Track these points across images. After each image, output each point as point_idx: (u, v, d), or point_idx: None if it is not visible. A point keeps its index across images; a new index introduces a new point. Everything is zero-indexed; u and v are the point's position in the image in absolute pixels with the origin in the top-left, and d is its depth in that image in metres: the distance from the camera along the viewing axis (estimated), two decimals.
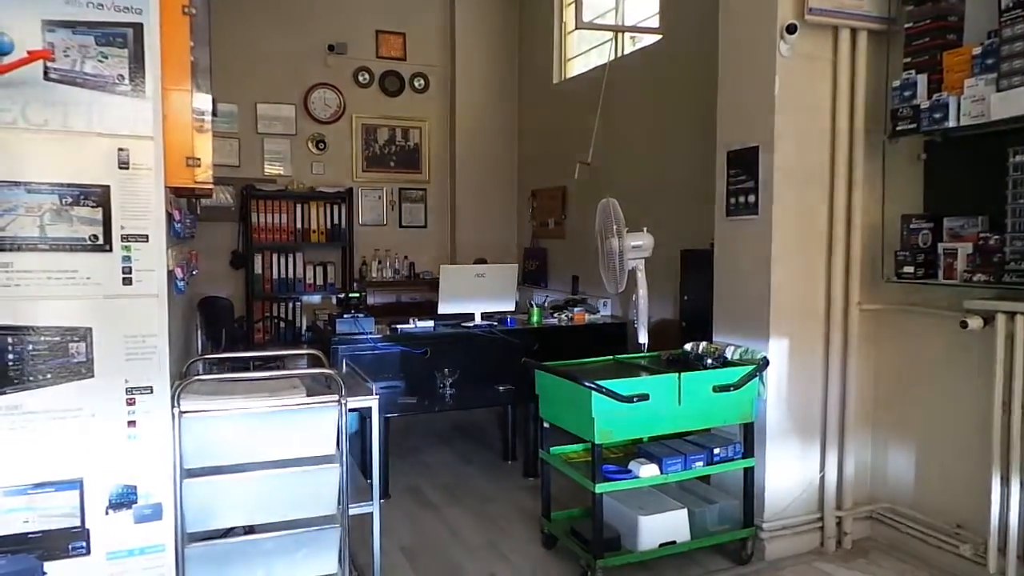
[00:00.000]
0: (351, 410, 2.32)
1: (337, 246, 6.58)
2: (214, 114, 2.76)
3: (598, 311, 4.86)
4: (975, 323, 2.62)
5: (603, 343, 4.34)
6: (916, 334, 3.01)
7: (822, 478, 3.10)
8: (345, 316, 4.22)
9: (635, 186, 4.99)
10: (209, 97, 2.55)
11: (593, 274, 3.76)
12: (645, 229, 3.38)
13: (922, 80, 2.77)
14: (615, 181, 5.13)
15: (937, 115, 2.69)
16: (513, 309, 4.57)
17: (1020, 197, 2.47)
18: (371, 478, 2.42)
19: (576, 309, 4.73)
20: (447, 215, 7.12)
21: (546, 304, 4.97)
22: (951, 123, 2.64)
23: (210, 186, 2.38)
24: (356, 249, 6.64)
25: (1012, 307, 2.49)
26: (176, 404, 1.96)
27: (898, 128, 2.84)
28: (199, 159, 2.19)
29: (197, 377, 2.14)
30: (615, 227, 3.35)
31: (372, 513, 2.38)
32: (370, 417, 2.40)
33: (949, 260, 2.72)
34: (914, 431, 3.04)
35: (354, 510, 2.32)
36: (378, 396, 2.39)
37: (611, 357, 3.26)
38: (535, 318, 4.53)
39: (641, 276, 3.41)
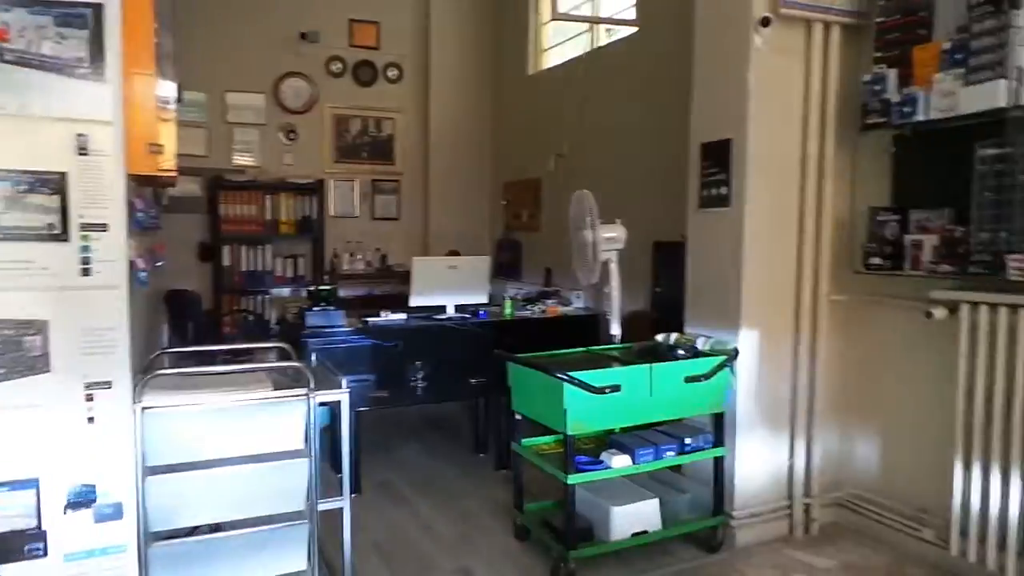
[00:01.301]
0: (321, 404, 2.29)
1: (308, 238, 6.49)
2: (179, 101, 2.69)
3: (571, 303, 4.85)
4: (940, 313, 2.66)
5: (576, 335, 4.32)
6: (883, 324, 3.05)
7: (791, 466, 3.13)
8: (315, 309, 4.15)
9: (609, 178, 4.98)
10: (173, 84, 2.49)
11: (566, 267, 3.75)
12: (619, 221, 3.38)
13: (892, 74, 2.79)
14: (589, 173, 5.12)
15: (906, 109, 2.72)
16: (486, 301, 4.54)
17: (985, 190, 2.51)
18: (341, 473, 2.38)
19: (549, 301, 4.72)
20: (420, 207, 7.06)
21: (519, 296, 4.95)
22: (920, 117, 2.67)
23: (174, 174, 2.32)
24: (327, 241, 6.56)
25: (976, 297, 2.54)
26: (137, 399, 1.91)
27: (868, 122, 2.87)
28: (162, 145, 2.13)
29: (160, 371, 2.09)
30: (588, 219, 3.35)
31: (343, 508, 2.35)
32: (340, 411, 2.36)
33: (915, 252, 2.75)
34: (880, 419, 3.08)
35: (324, 506, 2.28)
36: (348, 390, 2.35)
37: (583, 349, 3.25)
38: (508, 310, 4.50)
39: (614, 268, 3.41)
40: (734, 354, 2.94)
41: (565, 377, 2.62)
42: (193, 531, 2.14)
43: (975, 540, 2.55)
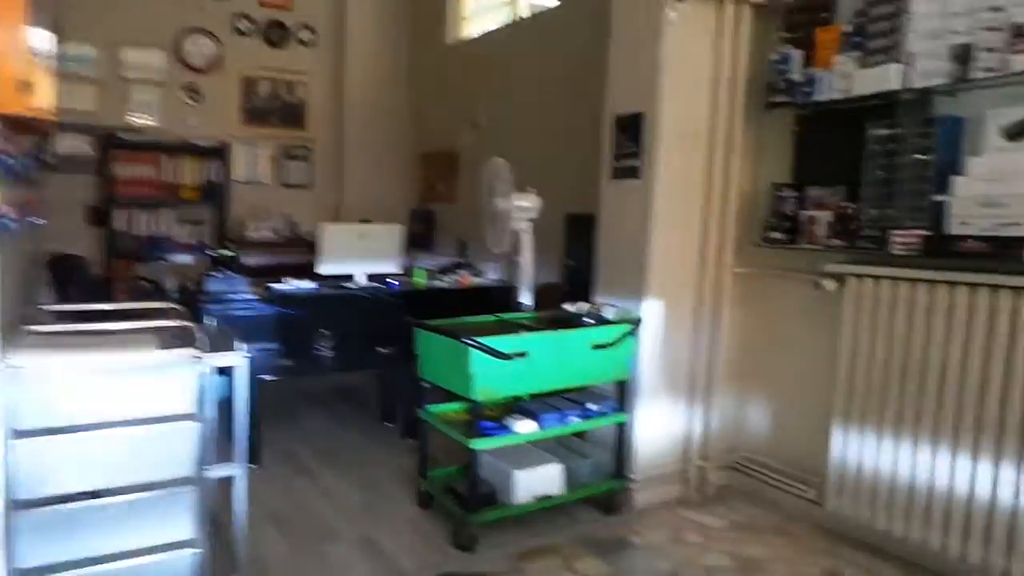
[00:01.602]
0: (220, 371, 2.17)
1: (211, 203, 6.18)
2: (58, 49, 2.50)
3: (484, 274, 4.83)
4: (829, 285, 2.80)
5: (488, 306, 4.29)
6: (780, 296, 3.17)
7: (689, 431, 3.24)
8: (216, 275, 3.97)
9: (526, 150, 4.95)
10: (47, 31, 2.28)
11: (481, 239, 3.71)
12: (532, 190, 3.37)
13: (797, 55, 2.89)
14: (506, 145, 5.06)
15: (808, 89, 2.82)
16: (398, 271, 4.46)
17: (874, 169, 2.64)
18: (235, 439, 2.27)
19: (461, 272, 4.69)
20: (333, 175, 6.83)
21: (432, 267, 4.89)
22: (820, 97, 2.79)
23: (50, 117, 2.14)
24: (233, 207, 6.26)
25: (862, 270, 2.68)
26: (4, 358, 1.75)
27: (773, 100, 2.97)
28: (33, 84, 1.94)
29: (31, 329, 1.92)
30: (501, 187, 3.32)
31: (235, 475, 2.25)
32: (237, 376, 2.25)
33: (811, 227, 2.87)
34: (772, 386, 3.23)
35: (216, 472, 2.18)
36: (245, 353, 2.25)
37: (492, 316, 3.24)
38: (420, 280, 4.44)
39: (526, 238, 3.41)
40: (638, 322, 3.00)
41: (472, 342, 2.60)
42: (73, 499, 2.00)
43: (849, 497, 2.72)
